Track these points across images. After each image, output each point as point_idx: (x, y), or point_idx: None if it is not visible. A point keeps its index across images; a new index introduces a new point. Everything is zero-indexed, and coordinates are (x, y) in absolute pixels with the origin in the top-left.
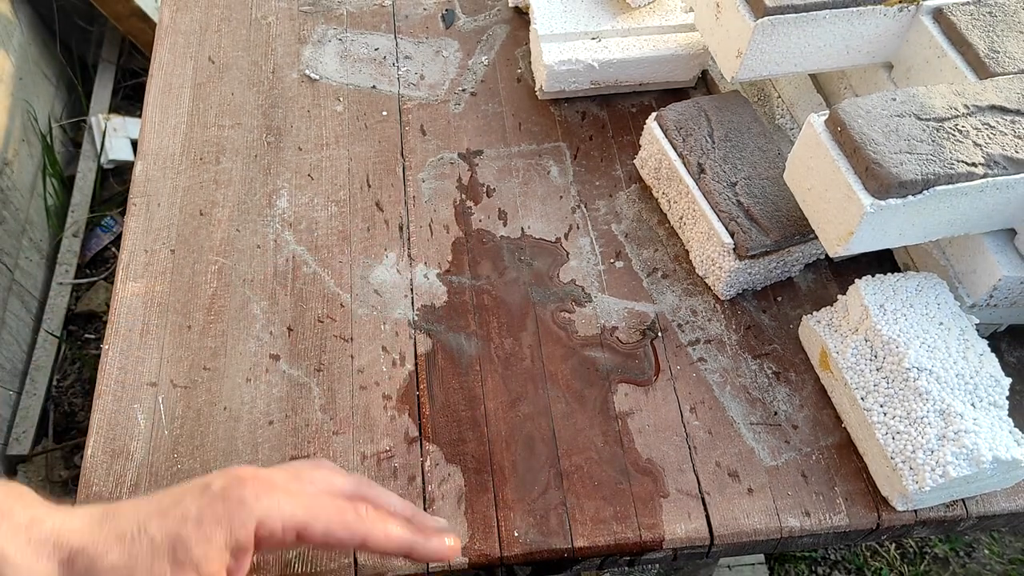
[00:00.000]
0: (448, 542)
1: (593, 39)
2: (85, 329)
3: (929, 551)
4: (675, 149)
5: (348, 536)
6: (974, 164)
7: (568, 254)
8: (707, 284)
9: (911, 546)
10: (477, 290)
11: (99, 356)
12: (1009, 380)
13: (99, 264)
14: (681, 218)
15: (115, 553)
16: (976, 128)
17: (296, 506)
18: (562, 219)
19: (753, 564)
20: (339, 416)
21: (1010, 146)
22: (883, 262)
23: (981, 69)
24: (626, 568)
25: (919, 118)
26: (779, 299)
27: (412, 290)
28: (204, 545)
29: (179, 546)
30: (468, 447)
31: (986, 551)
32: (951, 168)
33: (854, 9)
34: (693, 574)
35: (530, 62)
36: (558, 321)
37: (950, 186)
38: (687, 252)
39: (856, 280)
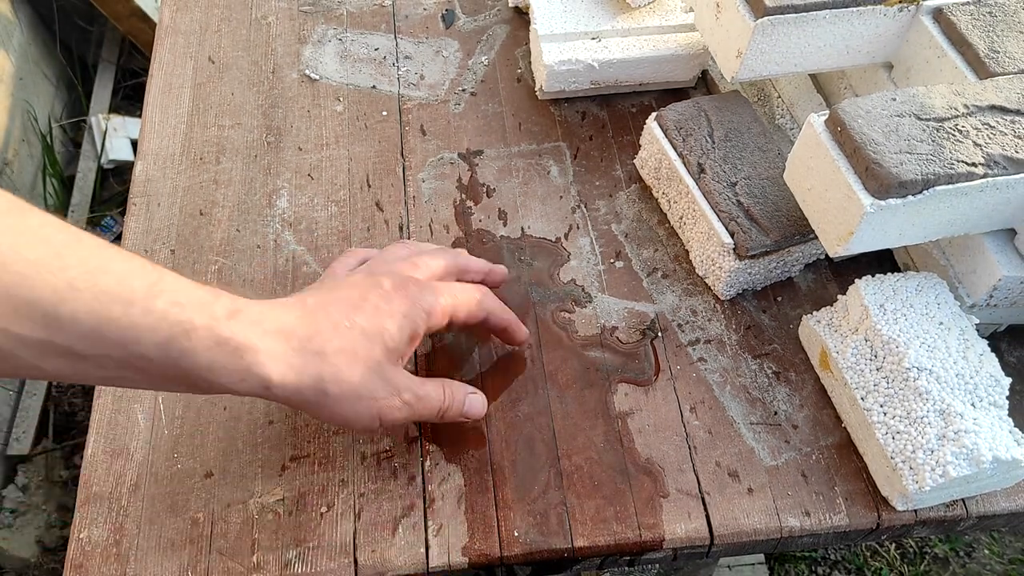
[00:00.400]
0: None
1: (593, 39)
2: None
3: (929, 551)
4: (675, 149)
5: (479, 313)
6: (974, 164)
7: (568, 254)
8: (707, 284)
9: (911, 546)
10: None
11: None
12: (1009, 380)
13: None
14: (681, 218)
15: (337, 339)
16: (976, 128)
17: (446, 298)
18: (562, 219)
19: (753, 564)
20: None
21: (1010, 146)
22: (883, 262)
23: (981, 69)
24: (626, 568)
25: (919, 118)
26: (779, 299)
27: None
28: (398, 334)
29: (385, 334)
30: (468, 447)
31: (986, 551)
32: (951, 168)
33: (854, 9)
34: (693, 574)
35: (530, 62)
36: (558, 321)
37: (950, 186)
38: (687, 252)
39: (856, 280)
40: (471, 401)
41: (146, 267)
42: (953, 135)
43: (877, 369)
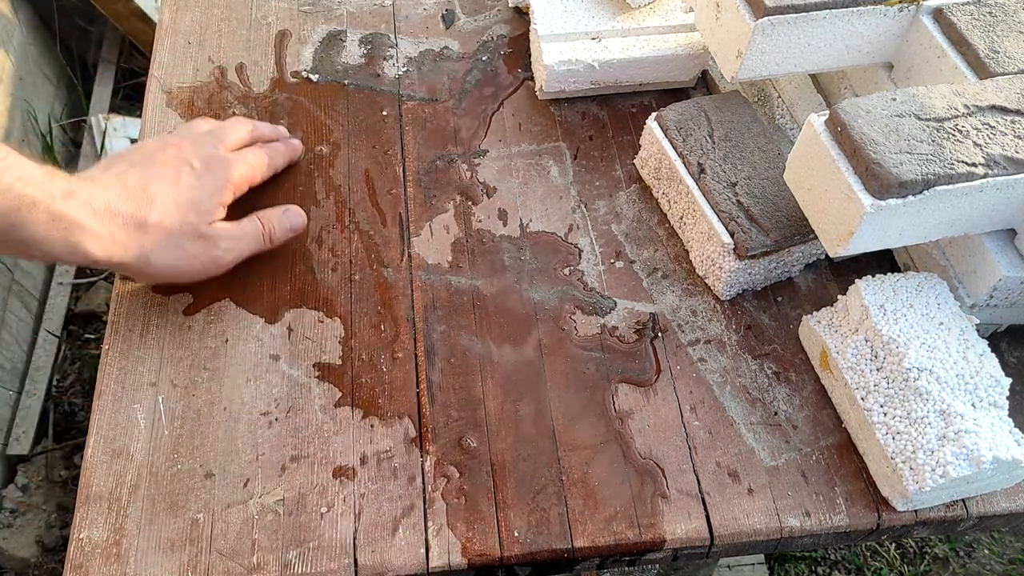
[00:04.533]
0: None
1: (593, 39)
2: (85, 329)
3: (929, 551)
4: (675, 149)
5: (271, 172)
6: (974, 164)
7: (577, 250)
8: (707, 284)
9: (911, 546)
10: (477, 290)
11: (99, 356)
12: (1009, 380)
13: None
14: (681, 218)
15: (155, 213)
16: (976, 128)
17: (244, 168)
18: (562, 219)
19: (753, 564)
20: (339, 416)
21: (1010, 146)
22: (883, 262)
23: (981, 69)
24: (626, 568)
25: (919, 118)
26: (779, 299)
27: (412, 290)
28: (209, 203)
29: (196, 204)
30: (468, 447)
31: (986, 551)
32: (951, 168)
33: (854, 9)
34: (693, 574)
35: (530, 62)
36: (558, 321)
37: (950, 186)
38: (687, 252)
39: (856, 280)
40: (288, 216)
41: None
42: (953, 135)
43: (877, 369)
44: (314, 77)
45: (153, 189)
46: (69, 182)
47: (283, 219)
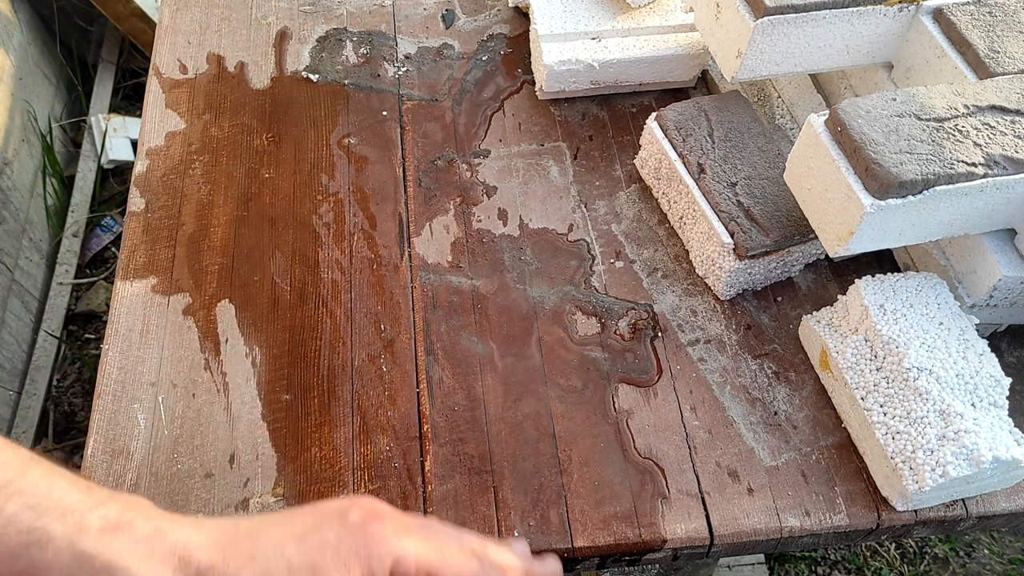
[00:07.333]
0: None
1: (593, 39)
2: (85, 329)
3: (929, 551)
4: (675, 149)
5: None
6: (974, 164)
7: (576, 248)
8: (707, 284)
9: (911, 546)
10: (477, 290)
11: (99, 356)
12: (1009, 380)
13: (99, 264)
14: (681, 218)
15: (248, 572)
16: (976, 128)
17: (430, 550)
18: (562, 219)
19: (753, 564)
20: (339, 416)
21: (1010, 146)
22: (883, 262)
23: (981, 69)
24: (626, 568)
25: (919, 118)
26: (779, 299)
27: (412, 290)
28: (342, 574)
29: (317, 573)
30: (468, 447)
31: (986, 551)
32: (951, 168)
33: (854, 9)
34: (693, 574)
35: (530, 62)
36: (558, 321)
37: (950, 186)
38: (687, 252)
39: (856, 280)
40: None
41: (8, 462)
42: (953, 135)
43: (877, 369)
44: (314, 77)
45: (267, 538)
46: (124, 512)
47: None
